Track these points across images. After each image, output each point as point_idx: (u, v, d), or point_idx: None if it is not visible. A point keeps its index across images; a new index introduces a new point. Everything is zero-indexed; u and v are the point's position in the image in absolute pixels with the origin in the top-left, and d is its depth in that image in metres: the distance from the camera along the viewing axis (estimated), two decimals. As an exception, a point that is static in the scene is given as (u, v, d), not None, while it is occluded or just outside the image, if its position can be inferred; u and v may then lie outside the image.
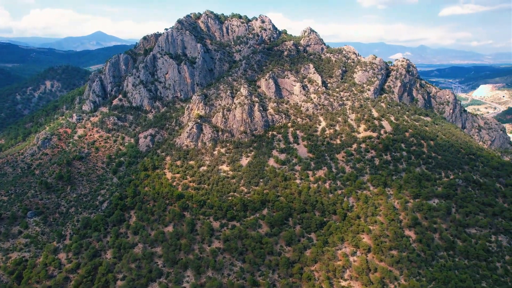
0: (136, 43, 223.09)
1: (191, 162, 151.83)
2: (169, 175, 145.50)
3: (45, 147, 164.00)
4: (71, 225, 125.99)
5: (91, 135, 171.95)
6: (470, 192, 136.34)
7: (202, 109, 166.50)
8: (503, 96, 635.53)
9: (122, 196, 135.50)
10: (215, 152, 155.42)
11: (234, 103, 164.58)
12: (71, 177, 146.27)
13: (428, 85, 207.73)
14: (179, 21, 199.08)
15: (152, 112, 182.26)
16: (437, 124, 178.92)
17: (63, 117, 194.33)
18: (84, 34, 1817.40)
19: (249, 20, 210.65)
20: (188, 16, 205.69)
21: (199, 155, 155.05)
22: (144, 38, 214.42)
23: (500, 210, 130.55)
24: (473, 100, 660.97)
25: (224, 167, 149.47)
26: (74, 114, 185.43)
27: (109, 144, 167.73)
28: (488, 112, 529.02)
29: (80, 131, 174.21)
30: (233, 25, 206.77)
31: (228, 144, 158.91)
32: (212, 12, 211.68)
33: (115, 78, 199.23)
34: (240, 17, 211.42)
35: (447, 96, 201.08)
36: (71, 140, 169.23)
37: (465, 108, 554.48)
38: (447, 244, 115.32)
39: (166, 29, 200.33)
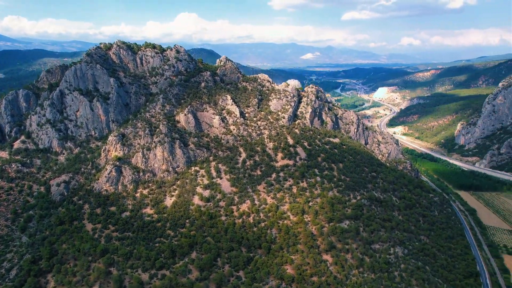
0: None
1: (112, 208, 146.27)
2: (89, 226, 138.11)
3: None
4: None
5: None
6: (374, 210, 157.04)
7: (120, 150, 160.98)
8: (396, 98, 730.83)
9: (36, 258, 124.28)
10: (138, 195, 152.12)
11: (154, 142, 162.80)
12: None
13: (335, 108, 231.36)
14: (89, 54, 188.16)
15: (63, 154, 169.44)
16: (344, 145, 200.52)
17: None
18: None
19: (164, 50, 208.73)
20: (98, 47, 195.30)
21: (120, 199, 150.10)
22: (48, 71, 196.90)
23: (396, 223, 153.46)
24: (374, 102, 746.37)
25: (148, 210, 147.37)
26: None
27: (13, 196, 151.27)
28: (386, 114, 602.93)
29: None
30: (147, 55, 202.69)
31: (150, 185, 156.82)
32: (124, 43, 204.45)
33: (14, 117, 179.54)
34: (154, 47, 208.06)
35: (352, 117, 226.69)
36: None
37: (368, 110, 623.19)
38: (358, 262, 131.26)
39: (75, 63, 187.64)
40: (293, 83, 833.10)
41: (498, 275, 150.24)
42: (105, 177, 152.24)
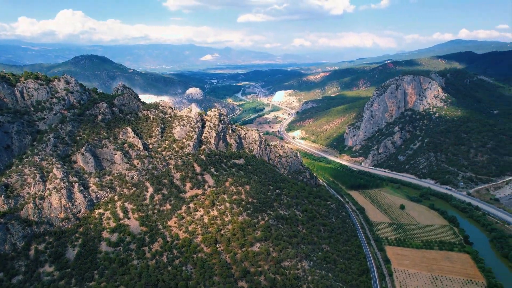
0: None
1: None
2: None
3: None
4: None
5: None
6: (281, 228, 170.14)
7: (3, 203, 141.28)
8: (293, 101, 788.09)
9: None
10: (31, 252, 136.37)
11: (48, 189, 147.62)
12: None
13: (238, 128, 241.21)
14: None
15: None
16: (249, 165, 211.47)
17: None
18: None
19: (50, 81, 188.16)
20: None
21: (9, 262, 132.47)
22: None
23: (301, 238, 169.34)
24: (273, 106, 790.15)
25: (47, 268, 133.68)
26: None
27: None
28: (285, 118, 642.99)
29: None
30: (29, 87, 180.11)
31: (47, 238, 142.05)
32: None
33: None
34: (37, 77, 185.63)
35: (254, 136, 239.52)
36: None
37: (268, 115, 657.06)
38: (270, 283, 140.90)
39: None
40: (195, 91, 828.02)
41: (383, 266, 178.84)
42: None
